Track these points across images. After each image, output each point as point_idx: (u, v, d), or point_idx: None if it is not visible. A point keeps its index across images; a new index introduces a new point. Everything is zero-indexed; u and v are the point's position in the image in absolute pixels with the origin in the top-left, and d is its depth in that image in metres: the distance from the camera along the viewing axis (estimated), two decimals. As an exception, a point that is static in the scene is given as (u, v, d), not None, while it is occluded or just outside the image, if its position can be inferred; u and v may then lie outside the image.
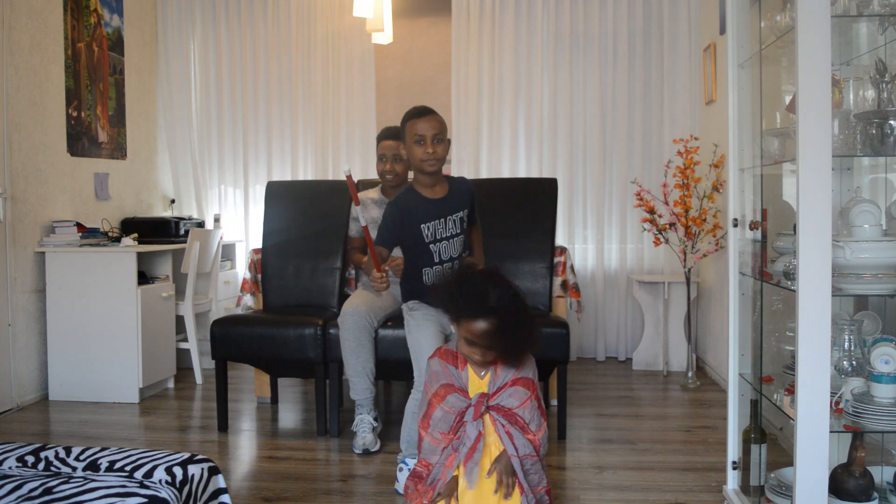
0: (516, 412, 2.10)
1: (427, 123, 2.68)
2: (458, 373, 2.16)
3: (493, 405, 2.10)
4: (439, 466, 2.12)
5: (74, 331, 4.13)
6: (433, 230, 2.70)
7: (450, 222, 2.72)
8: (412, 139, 2.69)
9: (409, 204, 2.73)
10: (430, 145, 2.66)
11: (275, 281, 3.90)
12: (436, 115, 2.73)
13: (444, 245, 2.72)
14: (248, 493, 2.82)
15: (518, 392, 2.11)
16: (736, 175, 2.45)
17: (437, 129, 2.68)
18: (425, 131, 2.67)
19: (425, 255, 2.72)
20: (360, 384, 3.32)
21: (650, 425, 3.66)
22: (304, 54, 5.39)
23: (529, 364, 2.17)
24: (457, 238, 2.75)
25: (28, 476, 1.87)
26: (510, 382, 2.12)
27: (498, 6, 5.21)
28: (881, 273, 2.01)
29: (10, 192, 3.98)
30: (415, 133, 2.68)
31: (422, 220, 2.69)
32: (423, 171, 2.70)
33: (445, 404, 2.12)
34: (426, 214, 2.70)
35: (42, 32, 4.28)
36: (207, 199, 5.56)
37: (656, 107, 5.15)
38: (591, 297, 5.17)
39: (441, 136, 2.69)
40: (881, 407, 1.98)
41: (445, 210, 2.73)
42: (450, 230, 2.73)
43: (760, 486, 2.33)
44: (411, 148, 2.70)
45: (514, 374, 2.13)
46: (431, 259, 2.72)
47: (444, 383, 2.15)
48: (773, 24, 2.22)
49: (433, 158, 2.67)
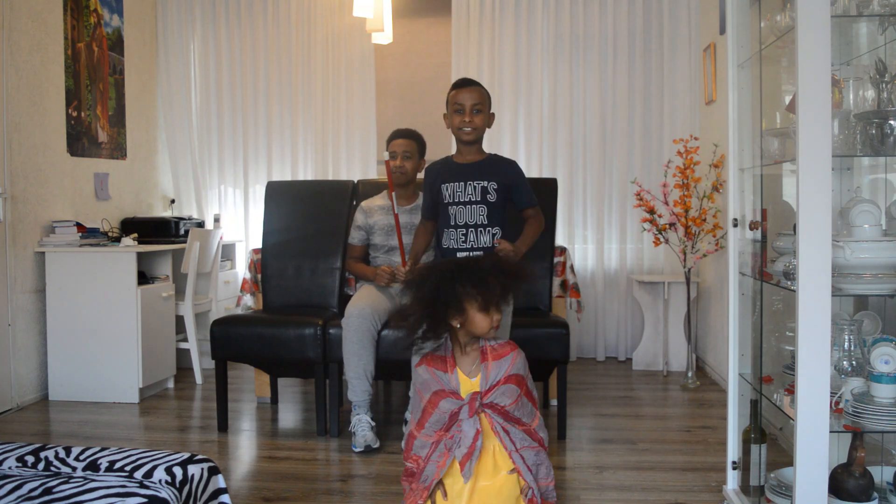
0: (508, 409, 2.11)
1: (468, 93, 2.77)
2: (447, 377, 2.15)
3: (488, 403, 2.11)
4: (432, 464, 2.12)
5: (74, 331, 4.13)
6: (452, 191, 2.77)
7: (470, 187, 2.76)
8: (453, 108, 2.79)
9: (440, 166, 2.86)
10: (469, 115, 2.75)
11: (275, 281, 3.90)
12: (479, 86, 2.81)
13: (460, 209, 2.76)
14: (248, 493, 2.82)
15: (510, 390, 2.12)
16: (736, 175, 2.45)
17: (478, 99, 2.77)
18: (465, 101, 2.76)
19: (445, 215, 2.80)
20: (359, 386, 3.32)
21: (650, 425, 3.66)
22: (304, 54, 5.39)
23: (519, 359, 2.18)
24: (476, 206, 2.76)
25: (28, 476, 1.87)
26: (502, 380, 2.13)
27: (498, 6, 5.21)
28: (881, 273, 2.01)
29: (10, 192, 3.98)
30: (455, 102, 2.77)
31: (444, 181, 2.79)
32: (460, 139, 2.81)
33: (439, 410, 2.12)
34: (448, 176, 2.80)
35: (42, 32, 4.28)
36: (207, 199, 5.56)
37: (656, 107, 5.15)
38: (591, 297, 5.17)
39: (481, 106, 2.77)
40: (881, 407, 1.98)
41: (468, 175, 2.78)
42: (469, 195, 2.76)
43: (760, 486, 2.33)
44: (451, 116, 2.80)
45: (505, 371, 2.13)
46: (448, 220, 2.79)
47: (436, 390, 2.15)
48: (773, 24, 2.22)
49: (469, 127, 2.75)
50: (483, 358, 2.17)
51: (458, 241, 2.76)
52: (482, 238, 2.75)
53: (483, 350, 2.17)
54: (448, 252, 2.78)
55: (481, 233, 2.75)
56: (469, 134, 2.77)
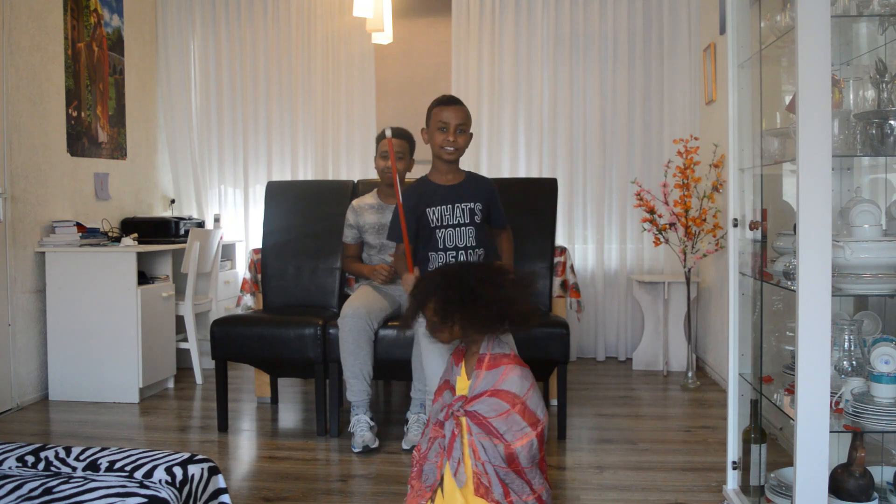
0: (491, 422, 2.07)
1: (453, 112, 2.72)
2: (453, 368, 2.24)
3: (469, 411, 2.09)
4: (431, 465, 2.15)
5: (74, 331, 4.12)
6: (439, 215, 2.72)
7: (458, 210, 2.72)
8: (436, 125, 2.74)
9: (420, 189, 2.79)
10: (453, 134, 2.71)
11: (275, 281, 3.90)
12: (463, 106, 2.78)
13: (449, 232, 2.72)
14: (248, 493, 2.82)
15: (497, 404, 2.08)
16: (736, 175, 2.45)
17: (462, 119, 2.73)
18: (450, 119, 2.71)
19: (431, 239, 2.74)
20: (356, 386, 3.32)
21: (650, 425, 3.66)
22: (304, 54, 5.39)
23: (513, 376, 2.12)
24: (465, 228, 2.73)
25: (28, 476, 1.87)
26: (490, 392, 2.10)
27: (498, 6, 5.21)
28: (881, 273, 2.01)
29: (10, 192, 3.98)
30: (440, 119, 2.72)
31: (429, 205, 2.73)
32: (442, 158, 2.75)
33: (441, 399, 2.22)
34: (433, 199, 2.73)
35: (42, 32, 4.28)
36: (207, 199, 5.57)
37: (656, 107, 5.15)
38: (591, 297, 5.17)
39: (464, 127, 2.73)
40: (881, 407, 1.98)
41: (454, 197, 2.74)
42: (457, 218, 2.72)
43: (760, 486, 2.33)
44: (433, 133, 2.74)
45: (493, 384, 2.11)
46: (436, 244, 2.72)
47: (446, 378, 2.26)
48: (773, 24, 2.22)
49: (453, 146, 2.72)
50: (478, 365, 2.15)
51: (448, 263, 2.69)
52: (471, 259, 2.71)
53: (481, 357, 2.16)
54: None
55: (470, 254, 2.71)
56: (451, 154, 2.71)
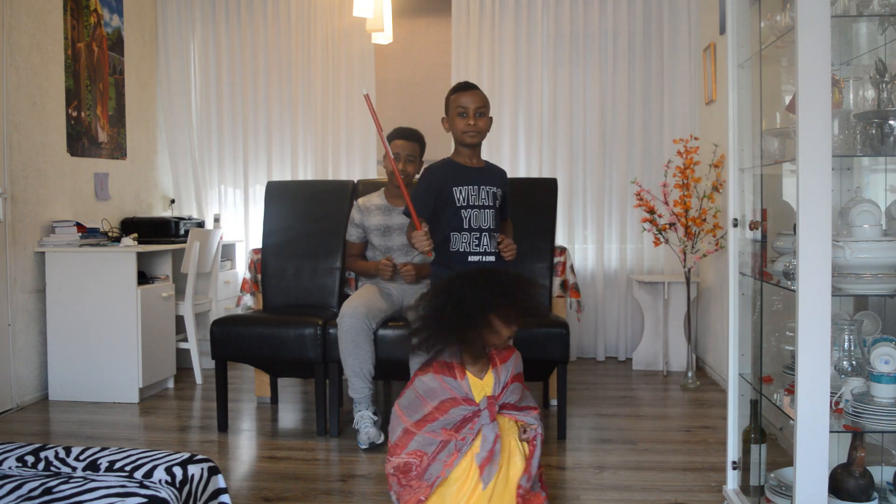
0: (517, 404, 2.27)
1: (471, 97, 2.77)
2: (458, 383, 2.17)
3: (501, 403, 2.22)
4: (439, 463, 2.11)
5: (74, 331, 4.12)
6: (466, 194, 2.74)
7: (483, 192, 2.76)
8: (455, 111, 2.78)
9: (445, 168, 2.81)
10: (473, 118, 2.75)
11: (275, 281, 3.90)
12: (479, 90, 2.83)
13: (474, 213, 2.74)
14: (248, 493, 2.82)
15: (517, 388, 2.28)
16: (736, 175, 2.45)
17: (480, 103, 2.77)
18: (469, 104, 2.75)
19: (455, 219, 2.75)
20: (357, 384, 3.33)
21: (650, 425, 3.66)
22: (304, 54, 5.39)
23: (518, 359, 2.31)
24: (488, 210, 2.76)
25: (28, 476, 1.87)
26: (510, 380, 2.25)
27: (498, 6, 5.21)
28: (881, 273, 2.01)
29: (10, 192, 3.98)
30: (458, 105, 2.77)
31: (455, 184, 2.75)
32: (464, 142, 2.79)
33: (449, 415, 2.15)
34: (460, 179, 2.76)
35: (42, 32, 4.27)
36: (207, 199, 5.56)
37: (656, 107, 5.15)
38: (591, 297, 5.17)
39: (483, 110, 2.78)
40: (881, 407, 1.98)
41: (480, 179, 2.78)
42: (482, 200, 2.75)
43: (760, 486, 2.33)
44: (454, 120, 2.79)
45: (511, 373, 2.25)
46: (461, 224, 2.74)
47: (445, 399, 2.16)
48: (773, 24, 2.22)
49: (474, 130, 2.75)
50: (493, 363, 2.23)
51: (471, 244, 2.73)
52: (492, 242, 2.76)
53: (490, 355, 2.24)
54: (458, 255, 2.72)
55: (492, 237, 2.75)
56: (474, 137, 2.76)
